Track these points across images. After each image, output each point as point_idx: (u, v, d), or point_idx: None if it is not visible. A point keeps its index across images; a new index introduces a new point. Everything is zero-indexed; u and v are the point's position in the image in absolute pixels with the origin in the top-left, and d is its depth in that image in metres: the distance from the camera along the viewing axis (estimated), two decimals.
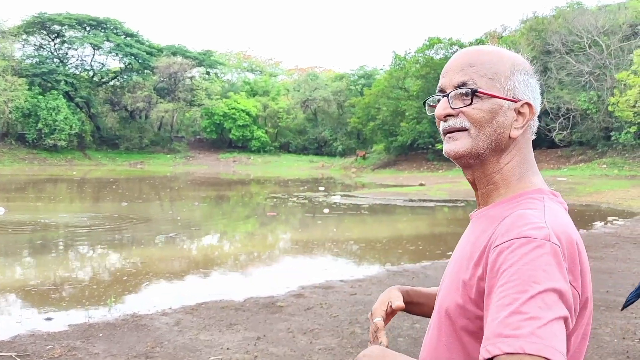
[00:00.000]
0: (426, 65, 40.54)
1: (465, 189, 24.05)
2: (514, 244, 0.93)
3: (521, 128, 1.09)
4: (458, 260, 1.10)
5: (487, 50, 1.12)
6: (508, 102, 1.07)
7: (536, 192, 1.08)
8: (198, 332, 5.07)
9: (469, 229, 1.16)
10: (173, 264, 8.73)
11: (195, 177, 35.53)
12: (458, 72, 1.10)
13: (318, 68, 73.42)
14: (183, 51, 54.53)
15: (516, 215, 0.99)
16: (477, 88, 1.06)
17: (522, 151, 1.11)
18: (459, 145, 1.08)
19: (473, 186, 1.16)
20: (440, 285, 1.19)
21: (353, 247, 10.68)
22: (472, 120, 1.07)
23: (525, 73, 1.11)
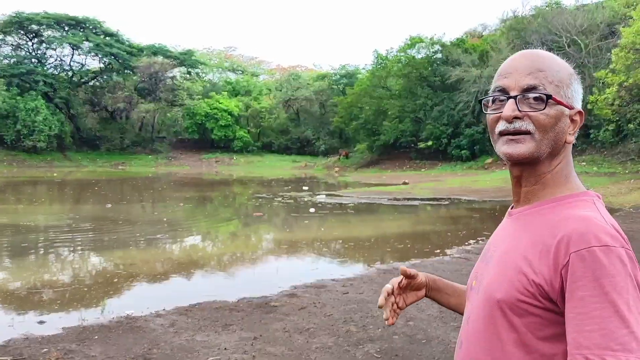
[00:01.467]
0: (408, 64, 40.81)
1: (449, 187, 24.27)
2: (596, 251, 0.97)
3: (574, 134, 1.15)
4: (509, 256, 1.12)
5: (550, 57, 1.15)
6: (568, 110, 1.13)
7: (585, 194, 1.13)
8: (194, 333, 5.07)
9: (515, 225, 1.18)
10: (163, 265, 8.70)
11: (178, 177, 35.29)
12: (527, 75, 1.12)
13: (300, 67, 73.38)
14: (164, 51, 54.12)
15: (583, 218, 1.03)
16: (550, 94, 1.10)
17: (569, 154, 1.17)
18: (524, 149, 1.11)
19: (517, 181, 1.18)
20: (476, 279, 1.23)
21: (342, 246, 10.73)
22: (538, 124, 1.10)
23: (578, 82, 1.17)
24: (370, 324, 5.31)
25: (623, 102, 24.05)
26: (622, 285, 0.95)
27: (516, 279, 1.06)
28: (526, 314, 1.04)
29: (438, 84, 39.81)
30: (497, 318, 1.08)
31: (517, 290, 1.05)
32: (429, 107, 39.19)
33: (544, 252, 1.03)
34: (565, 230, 1.02)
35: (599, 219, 1.02)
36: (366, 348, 4.66)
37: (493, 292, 1.10)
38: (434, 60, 40.58)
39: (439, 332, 5.07)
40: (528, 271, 1.05)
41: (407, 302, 1.43)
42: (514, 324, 1.06)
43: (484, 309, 1.13)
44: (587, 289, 0.96)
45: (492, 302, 1.10)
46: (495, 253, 1.18)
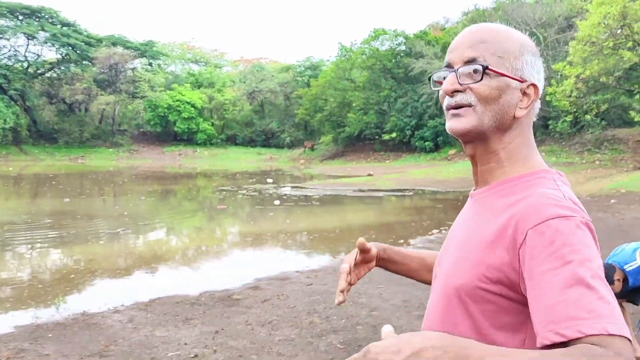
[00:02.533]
0: (372, 56, 40.92)
1: (413, 178, 24.50)
2: (552, 224, 0.92)
3: (526, 109, 1.08)
4: (467, 240, 1.07)
5: (498, 29, 1.11)
6: (515, 82, 1.07)
7: (545, 172, 1.08)
8: (153, 328, 4.94)
9: (475, 208, 1.13)
10: (122, 260, 8.48)
11: (140, 171, 34.60)
12: (468, 47, 1.08)
13: (264, 59, 72.81)
14: (124, 41, 52.83)
15: (539, 195, 0.98)
16: (487, 65, 1.05)
17: (525, 131, 1.11)
18: (465, 122, 1.07)
19: (473, 161, 1.14)
20: (439, 264, 1.17)
21: (306, 238, 10.68)
22: (479, 96, 1.06)
23: (533, 54, 1.11)
24: (333, 315, 5.27)
25: (580, 93, 24.67)
26: (584, 253, 0.90)
27: (474, 264, 1.01)
28: (483, 300, 1.00)
29: (402, 76, 40.07)
30: (455, 305, 1.04)
31: (474, 276, 1.00)
32: (393, 99, 39.44)
33: (501, 235, 0.98)
34: (520, 207, 0.98)
35: (556, 195, 0.98)
36: (329, 339, 4.62)
37: (451, 279, 1.06)
38: (397, 53, 40.80)
39: (403, 322, 5.06)
40: (486, 256, 1.00)
41: (359, 276, 1.38)
42: (470, 311, 1.01)
43: (442, 296, 1.08)
44: (547, 262, 0.90)
45: (450, 289, 1.05)
46: (455, 238, 1.14)
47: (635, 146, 27.28)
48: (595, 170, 23.63)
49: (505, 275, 0.97)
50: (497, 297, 0.98)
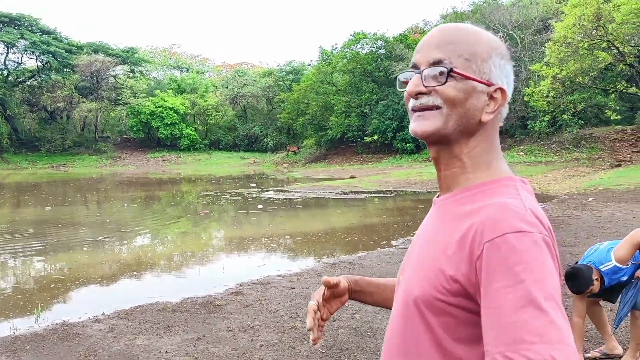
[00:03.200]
0: (353, 60, 41.11)
1: (395, 179, 24.64)
2: (509, 238, 0.89)
3: (492, 113, 1.04)
4: (427, 249, 1.05)
5: (466, 29, 1.06)
6: (482, 85, 1.03)
7: (508, 179, 1.04)
8: (134, 337, 4.93)
9: (436, 215, 1.10)
10: (104, 268, 8.43)
11: (123, 177, 34.34)
12: (434, 48, 1.04)
13: (246, 64, 72.76)
14: (105, 48, 52.43)
15: (498, 205, 0.95)
16: (453, 67, 1.02)
17: (490, 137, 1.07)
18: (429, 124, 1.04)
19: (436, 164, 1.10)
20: (402, 273, 1.14)
21: (289, 241, 10.70)
22: (445, 98, 1.02)
23: (502, 57, 1.06)
24: None
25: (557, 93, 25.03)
26: (538, 272, 0.86)
27: (433, 275, 0.98)
28: (442, 313, 0.96)
29: (382, 79, 40.28)
30: (414, 316, 1.01)
31: (433, 287, 0.97)
32: (374, 102, 39.63)
33: (460, 245, 0.95)
34: (480, 218, 0.94)
35: (516, 205, 0.94)
36: (311, 343, 4.65)
37: (411, 289, 1.03)
38: (377, 56, 41.03)
39: (384, 324, 5.11)
40: (445, 266, 0.96)
41: (331, 311, 1.34)
42: (429, 323, 0.98)
43: (403, 305, 1.05)
44: (501, 279, 0.87)
45: (410, 299, 1.02)
46: (417, 245, 1.11)
47: (612, 144, 27.74)
48: (573, 168, 23.99)
49: (463, 287, 0.94)
50: (455, 309, 0.95)
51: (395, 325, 1.08)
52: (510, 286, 0.86)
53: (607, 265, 3.87)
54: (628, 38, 23.04)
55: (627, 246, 3.80)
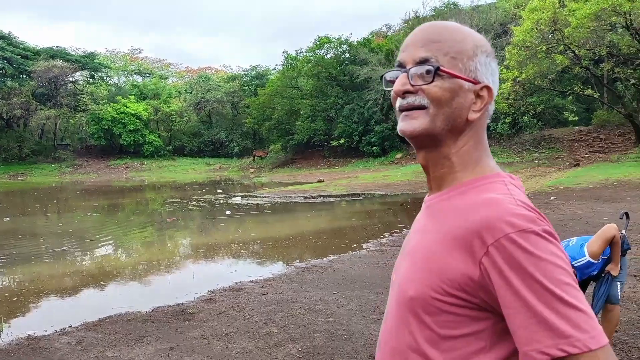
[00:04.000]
0: (317, 64, 41.25)
1: (362, 182, 24.77)
2: (512, 239, 0.89)
3: (479, 111, 1.04)
4: (419, 248, 1.05)
5: (451, 28, 1.06)
6: (468, 84, 1.03)
7: (496, 176, 1.05)
8: (104, 349, 4.80)
9: (427, 215, 1.10)
10: (68, 279, 8.18)
11: (85, 186, 33.54)
12: (420, 47, 1.04)
13: (209, 69, 72.19)
14: (63, 54, 51.26)
15: (490, 202, 0.95)
16: (439, 66, 1.01)
17: (478, 134, 1.07)
18: (417, 124, 1.03)
19: (425, 169, 1.10)
20: (395, 273, 1.14)
21: (259, 247, 10.62)
22: (431, 98, 1.02)
23: (488, 55, 1.07)
24: (290, 324, 5.26)
25: (517, 96, 25.65)
26: (551, 268, 0.87)
27: (428, 275, 0.98)
28: (440, 312, 0.96)
29: (347, 83, 40.53)
30: (410, 316, 1.01)
31: (429, 287, 0.97)
32: (339, 106, 39.82)
33: (455, 245, 0.95)
34: (475, 218, 0.94)
35: (508, 201, 0.94)
36: (288, 349, 4.61)
37: (406, 289, 1.03)
38: (342, 60, 41.27)
39: (360, 326, 5.11)
40: (440, 266, 0.96)
41: None
42: (425, 322, 0.98)
43: (397, 306, 1.05)
44: (517, 279, 0.88)
45: (405, 300, 1.02)
46: (410, 245, 1.10)
47: (570, 145, 28.56)
48: (535, 168, 24.60)
49: (461, 287, 0.94)
50: (450, 307, 0.95)
51: (390, 325, 1.07)
52: (527, 284, 0.87)
53: (580, 261, 3.97)
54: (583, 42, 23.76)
55: (599, 242, 3.91)
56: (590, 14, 21.24)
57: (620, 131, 27.92)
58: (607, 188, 17.45)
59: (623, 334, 4.59)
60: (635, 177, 18.89)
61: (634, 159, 23.62)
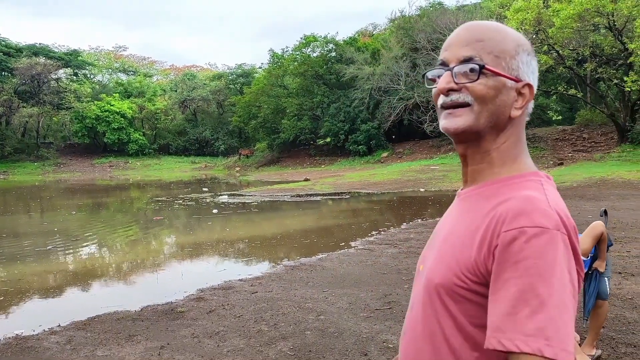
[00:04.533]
0: (304, 63, 41.22)
1: (348, 181, 24.82)
2: (527, 232, 0.91)
3: (521, 109, 1.07)
4: (449, 239, 1.07)
5: (494, 27, 1.08)
6: (511, 82, 1.05)
7: (533, 174, 1.07)
8: (94, 348, 4.76)
9: (459, 207, 1.13)
10: (55, 278, 8.10)
11: (69, 184, 33.19)
12: (464, 46, 1.06)
13: (195, 67, 71.80)
14: (46, 51, 50.62)
15: (522, 198, 0.97)
16: (484, 64, 1.04)
17: (518, 132, 1.09)
18: (461, 122, 1.06)
19: (463, 160, 1.13)
20: (422, 263, 1.16)
21: (247, 245, 10.60)
22: (476, 95, 1.04)
23: (529, 54, 1.09)
24: (281, 322, 5.27)
25: None
26: (547, 270, 0.89)
27: (454, 263, 1.01)
28: (463, 300, 0.99)
29: (334, 82, 40.57)
30: (436, 304, 1.03)
31: (454, 274, 1.00)
32: (325, 105, 39.85)
33: (482, 235, 0.98)
34: (502, 209, 0.97)
35: (539, 200, 0.96)
36: (279, 346, 4.62)
37: (432, 277, 1.05)
38: (328, 59, 41.30)
39: (350, 324, 5.14)
40: (466, 255, 0.99)
41: None
42: (451, 310, 1.01)
43: (424, 294, 1.07)
44: (512, 271, 0.90)
45: (431, 287, 1.05)
46: (439, 236, 1.13)
47: (554, 144, 28.88)
48: None
49: (482, 275, 0.96)
50: (474, 295, 0.98)
51: (416, 313, 1.10)
52: (517, 278, 0.90)
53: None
54: (567, 42, 24.06)
55: (589, 239, 3.97)
56: (573, 15, 21.51)
57: (603, 130, 28.31)
58: (591, 187, 17.69)
59: (610, 329, 4.67)
60: (617, 176, 19.17)
61: (616, 158, 23.97)
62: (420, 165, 28.80)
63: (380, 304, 5.79)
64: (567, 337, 0.87)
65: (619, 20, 22.43)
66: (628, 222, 10.37)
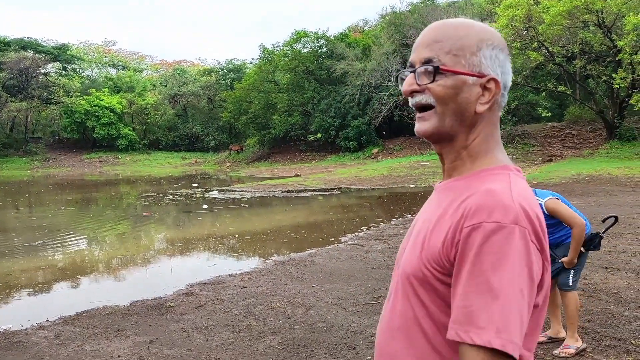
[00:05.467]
0: (294, 58, 41.13)
1: (339, 177, 24.85)
2: (485, 227, 0.94)
3: (487, 103, 1.08)
4: (423, 229, 1.10)
5: (455, 25, 1.09)
6: (473, 78, 1.06)
7: (502, 168, 1.09)
8: (83, 342, 4.76)
9: (434, 199, 1.16)
10: (44, 274, 8.06)
11: (58, 180, 32.97)
12: (425, 47, 1.09)
13: (185, 62, 71.44)
14: (35, 45, 50.18)
15: (484, 192, 0.99)
16: (440, 65, 1.06)
17: (489, 127, 1.11)
18: (428, 125, 1.09)
19: (441, 158, 1.16)
20: (401, 252, 1.20)
21: (237, 241, 10.60)
22: (436, 96, 1.07)
23: (494, 48, 1.09)
24: (270, 317, 5.28)
25: None
26: (502, 264, 0.92)
27: (424, 253, 1.04)
28: (433, 289, 1.02)
29: (324, 78, 40.53)
30: (409, 293, 1.07)
31: (423, 265, 1.03)
32: (316, 100, 39.81)
33: (447, 227, 1.01)
34: (466, 204, 1.00)
35: (502, 193, 0.98)
36: (268, 341, 4.64)
37: (406, 266, 1.09)
38: (319, 55, 41.25)
39: (339, 318, 5.16)
40: (435, 246, 1.02)
41: None
42: (422, 299, 1.04)
43: (399, 284, 1.11)
44: (469, 265, 0.94)
45: (405, 277, 1.08)
46: (415, 227, 1.16)
47: (543, 140, 29.06)
48: None
49: (446, 267, 1.00)
50: (442, 285, 1.01)
51: (393, 302, 1.13)
52: (473, 273, 0.94)
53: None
54: (556, 39, 24.20)
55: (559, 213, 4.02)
56: (563, 12, 21.63)
57: (592, 127, 28.52)
58: (579, 183, 17.85)
59: (595, 323, 4.73)
60: (605, 172, 19.34)
61: (604, 155, 24.17)
62: (411, 161, 28.89)
63: (369, 299, 5.82)
64: (516, 329, 0.91)
65: (608, 18, 22.59)
66: None
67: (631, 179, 17.78)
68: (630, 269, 6.63)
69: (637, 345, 4.20)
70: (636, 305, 5.17)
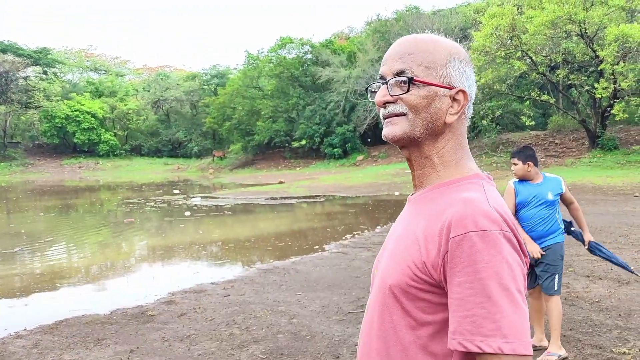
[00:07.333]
0: (279, 64, 41.12)
1: (323, 184, 24.82)
2: (472, 237, 0.97)
3: (456, 114, 1.13)
4: (401, 241, 1.12)
5: (425, 39, 1.15)
6: (443, 90, 1.12)
7: (475, 177, 1.13)
8: (61, 352, 4.65)
9: (410, 211, 1.18)
10: (21, 281, 7.90)
11: (37, 185, 32.47)
12: (397, 60, 1.13)
13: (168, 67, 71.07)
14: (15, 48, 49.38)
15: (463, 202, 1.02)
16: (414, 76, 1.11)
17: (457, 136, 1.16)
18: (397, 129, 1.13)
19: (410, 164, 1.19)
20: (377, 267, 1.21)
21: (220, 248, 10.50)
22: (409, 105, 1.11)
23: (461, 61, 1.15)
24: (253, 325, 5.22)
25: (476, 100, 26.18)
26: (497, 271, 0.95)
27: (406, 264, 1.05)
28: (416, 298, 1.04)
29: (309, 84, 40.56)
30: (390, 304, 1.08)
31: (406, 275, 1.05)
32: (301, 107, 39.81)
33: (430, 237, 1.03)
34: (448, 214, 1.02)
35: (481, 202, 1.02)
36: (251, 350, 4.57)
37: (386, 278, 1.10)
38: (304, 61, 41.29)
39: (323, 327, 5.12)
40: (416, 256, 1.04)
41: None
42: (406, 308, 1.06)
43: (378, 296, 1.12)
44: (463, 275, 0.96)
45: (385, 288, 1.09)
46: (391, 239, 1.19)
47: None
48: (493, 172, 25.14)
49: (431, 276, 1.02)
50: (428, 294, 1.03)
51: (371, 314, 1.15)
52: (470, 282, 0.96)
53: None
54: (540, 48, 24.48)
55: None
56: (547, 22, 21.90)
57: (575, 136, 28.87)
58: None
59: (576, 332, 4.74)
60: (588, 181, 19.57)
61: (587, 164, 24.47)
62: (395, 169, 28.96)
63: (353, 307, 5.78)
64: (522, 330, 0.94)
65: (590, 28, 22.92)
66: (597, 227, 10.58)
67: (613, 188, 18.00)
68: (611, 277, 6.68)
69: (617, 353, 4.21)
70: (617, 314, 5.20)
